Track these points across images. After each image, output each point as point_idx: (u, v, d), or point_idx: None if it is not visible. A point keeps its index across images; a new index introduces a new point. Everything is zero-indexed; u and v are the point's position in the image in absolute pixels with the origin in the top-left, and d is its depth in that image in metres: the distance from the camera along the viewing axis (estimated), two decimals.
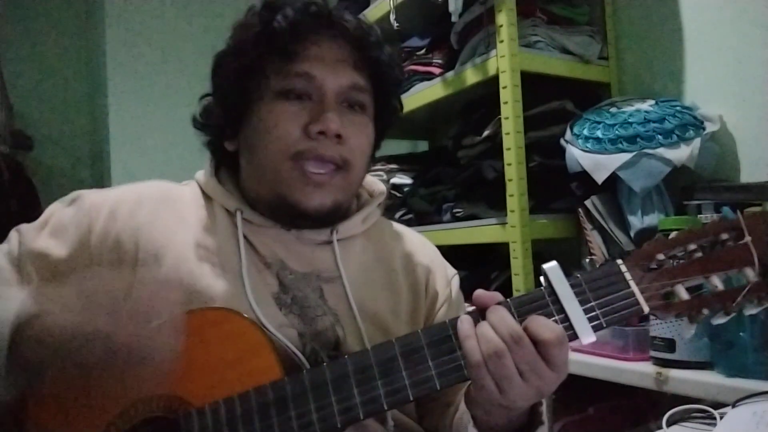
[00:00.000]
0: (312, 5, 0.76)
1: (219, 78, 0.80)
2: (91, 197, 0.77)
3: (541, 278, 0.64)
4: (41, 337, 0.57)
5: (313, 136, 0.73)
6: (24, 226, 0.75)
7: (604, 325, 0.61)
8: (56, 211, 0.76)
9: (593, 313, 0.61)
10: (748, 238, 0.62)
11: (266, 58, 0.76)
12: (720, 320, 0.63)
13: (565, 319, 0.61)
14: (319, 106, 0.74)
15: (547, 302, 0.62)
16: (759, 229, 0.62)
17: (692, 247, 0.63)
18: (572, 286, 0.62)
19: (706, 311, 0.62)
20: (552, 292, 0.62)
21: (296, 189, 0.74)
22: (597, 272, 0.63)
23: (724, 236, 0.63)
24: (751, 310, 0.62)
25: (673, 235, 0.65)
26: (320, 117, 0.73)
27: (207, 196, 0.80)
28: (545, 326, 0.59)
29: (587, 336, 0.61)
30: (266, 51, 0.75)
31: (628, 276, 0.63)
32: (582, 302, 0.61)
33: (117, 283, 0.61)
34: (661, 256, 0.63)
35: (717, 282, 0.62)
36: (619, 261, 0.64)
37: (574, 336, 0.61)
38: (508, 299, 0.63)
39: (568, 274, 0.64)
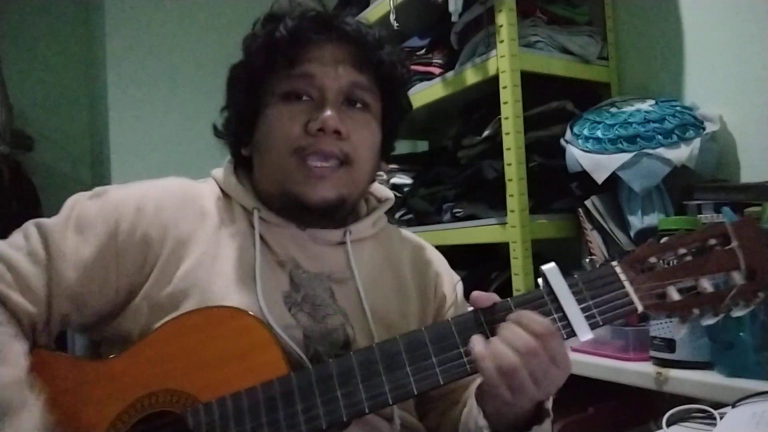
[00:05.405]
0: (311, 11, 0.79)
1: (232, 89, 0.84)
2: (116, 193, 0.77)
3: (539, 279, 0.66)
4: None
5: (313, 133, 0.75)
6: (45, 223, 0.72)
7: (601, 323, 0.64)
8: (78, 205, 0.75)
9: (590, 312, 0.63)
10: (734, 244, 0.65)
11: (272, 65, 0.79)
12: (710, 321, 0.65)
13: (564, 318, 0.63)
14: (319, 104, 0.77)
15: (546, 301, 0.64)
16: (745, 235, 0.65)
17: (682, 251, 0.66)
18: (570, 286, 0.64)
19: (696, 311, 0.65)
20: (550, 291, 0.64)
21: (300, 182, 0.76)
22: (593, 273, 0.66)
23: (712, 242, 0.66)
24: (739, 312, 0.65)
25: (664, 240, 0.68)
26: (319, 115, 0.75)
27: (225, 194, 0.81)
28: (535, 320, 0.61)
29: (584, 333, 0.63)
30: (271, 59, 0.78)
31: (623, 277, 0.65)
32: (579, 301, 0.64)
33: None
34: (653, 259, 0.66)
35: (706, 284, 0.65)
36: (614, 263, 0.66)
37: (572, 333, 0.63)
38: (509, 299, 0.65)
39: (567, 274, 0.66)
